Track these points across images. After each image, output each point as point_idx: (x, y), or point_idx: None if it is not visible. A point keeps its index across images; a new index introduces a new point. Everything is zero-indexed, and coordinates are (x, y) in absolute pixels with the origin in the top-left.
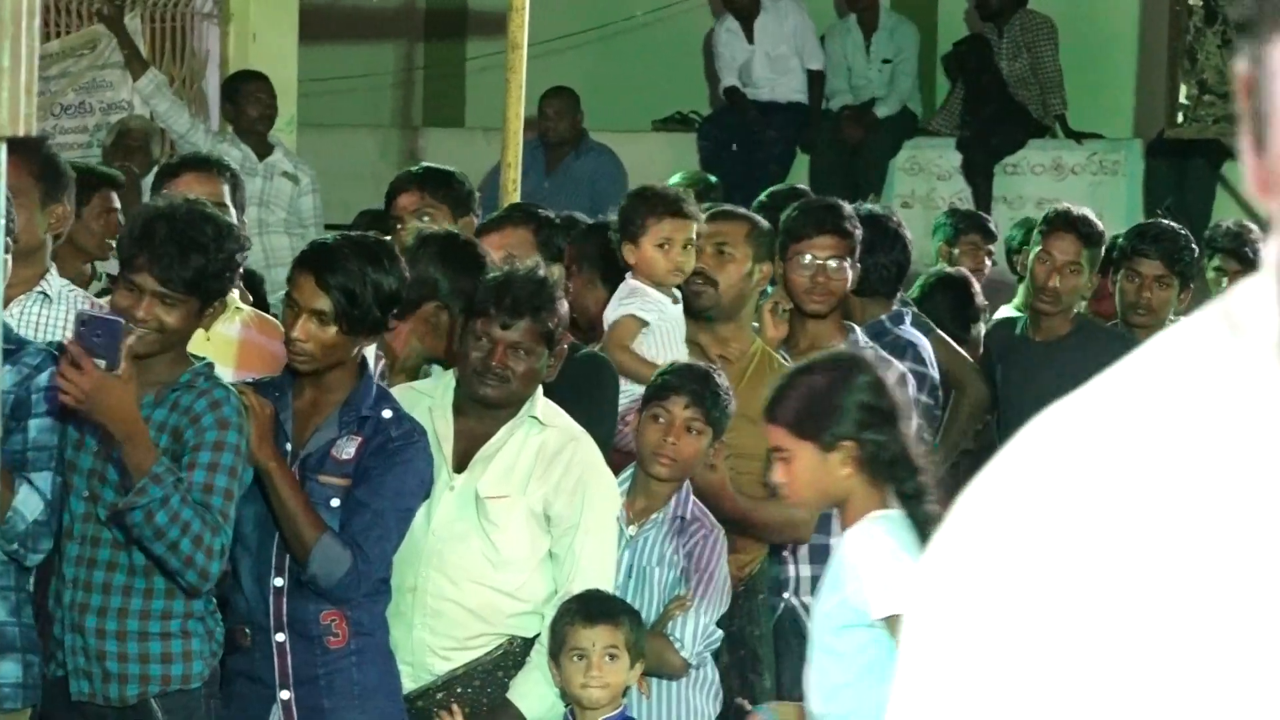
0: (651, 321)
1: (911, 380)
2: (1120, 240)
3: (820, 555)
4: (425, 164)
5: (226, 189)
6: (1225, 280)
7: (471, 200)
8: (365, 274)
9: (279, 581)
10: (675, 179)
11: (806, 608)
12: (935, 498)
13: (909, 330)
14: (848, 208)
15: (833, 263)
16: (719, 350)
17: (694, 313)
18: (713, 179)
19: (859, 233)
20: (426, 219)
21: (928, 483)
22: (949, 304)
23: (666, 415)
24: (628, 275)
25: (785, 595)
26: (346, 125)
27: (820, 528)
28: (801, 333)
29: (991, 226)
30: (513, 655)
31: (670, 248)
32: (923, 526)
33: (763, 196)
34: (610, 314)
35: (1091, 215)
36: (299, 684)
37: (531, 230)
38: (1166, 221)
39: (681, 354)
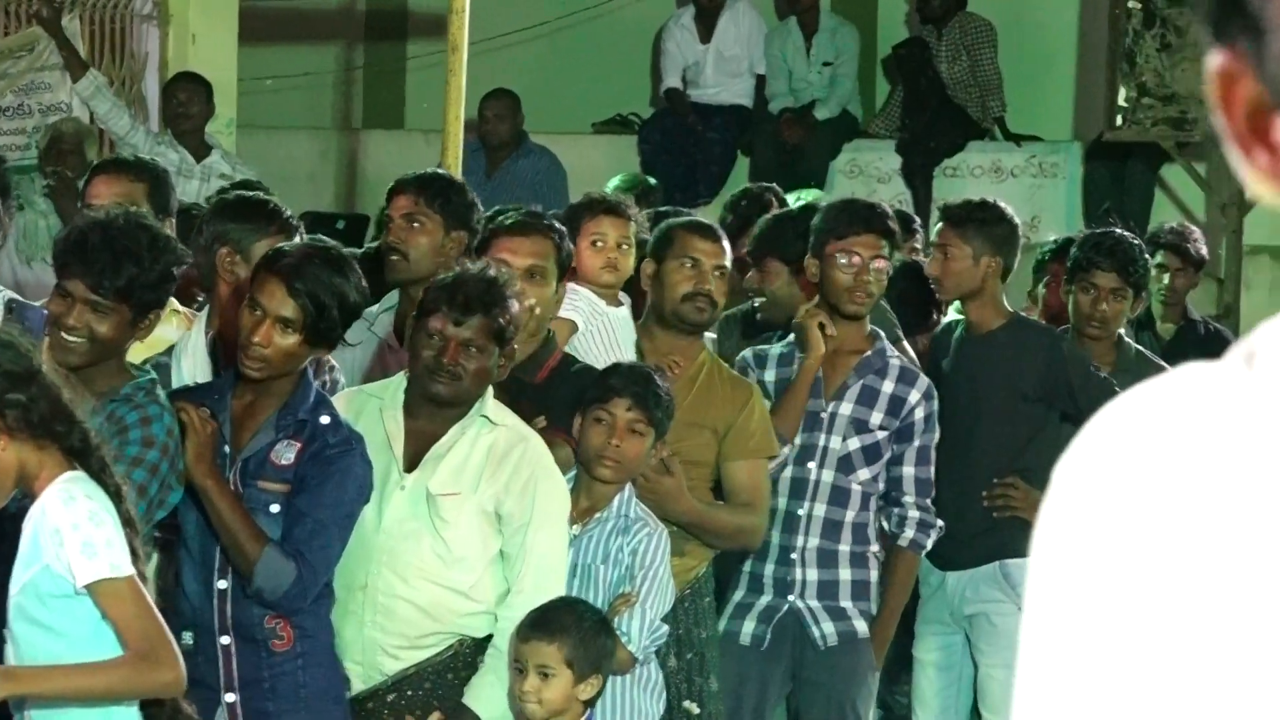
0: (580, 321)
1: (921, 394)
2: (1075, 252)
3: (828, 560)
4: (436, 171)
5: (143, 189)
6: (1167, 277)
7: (470, 216)
8: (333, 285)
9: (223, 585)
10: (614, 182)
11: (812, 611)
12: (102, 447)
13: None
14: (886, 207)
15: (877, 262)
16: (663, 359)
17: (651, 319)
18: (652, 181)
19: (899, 234)
20: (417, 225)
21: (91, 431)
22: (910, 292)
23: (609, 417)
24: (570, 281)
25: (790, 598)
26: (286, 127)
27: (827, 533)
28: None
29: (916, 225)
30: (463, 657)
31: (603, 245)
32: (99, 477)
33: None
34: None
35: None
36: (244, 687)
37: (554, 243)
38: (1119, 232)
39: (629, 356)
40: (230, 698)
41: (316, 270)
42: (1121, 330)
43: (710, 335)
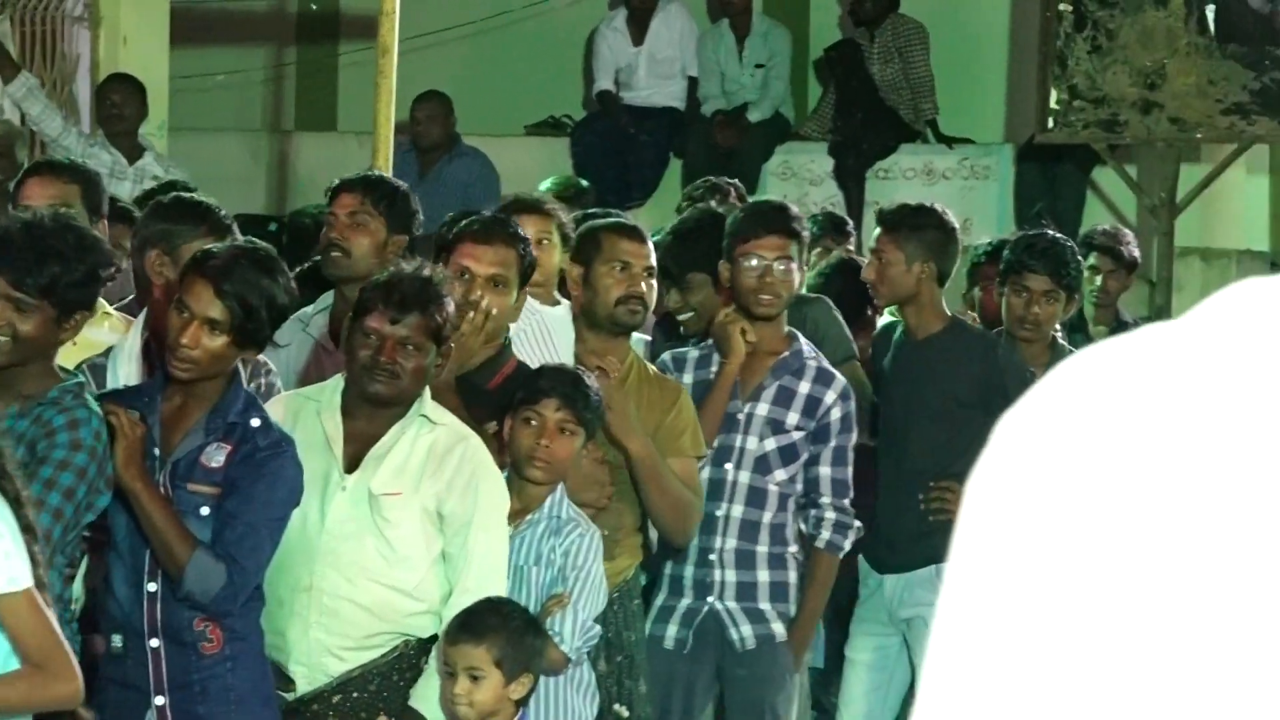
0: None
1: (838, 394)
2: (1007, 254)
3: (746, 561)
4: (381, 174)
5: (77, 191)
6: (1099, 279)
7: (411, 222)
8: (261, 286)
9: (153, 587)
10: (546, 184)
11: (730, 613)
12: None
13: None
14: (794, 209)
15: (780, 264)
16: (597, 361)
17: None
18: (584, 184)
19: (807, 234)
20: (360, 224)
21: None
22: (848, 289)
23: (539, 418)
24: None
25: (710, 599)
26: (217, 129)
27: (745, 534)
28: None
29: (849, 228)
30: (408, 658)
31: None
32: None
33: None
34: None
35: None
36: (173, 690)
37: (517, 252)
38: (1052, 234)
39: (566, 355)
40: (159, 700)
41: (244, 271)
42: (1055, 332)
43: (645, 337)
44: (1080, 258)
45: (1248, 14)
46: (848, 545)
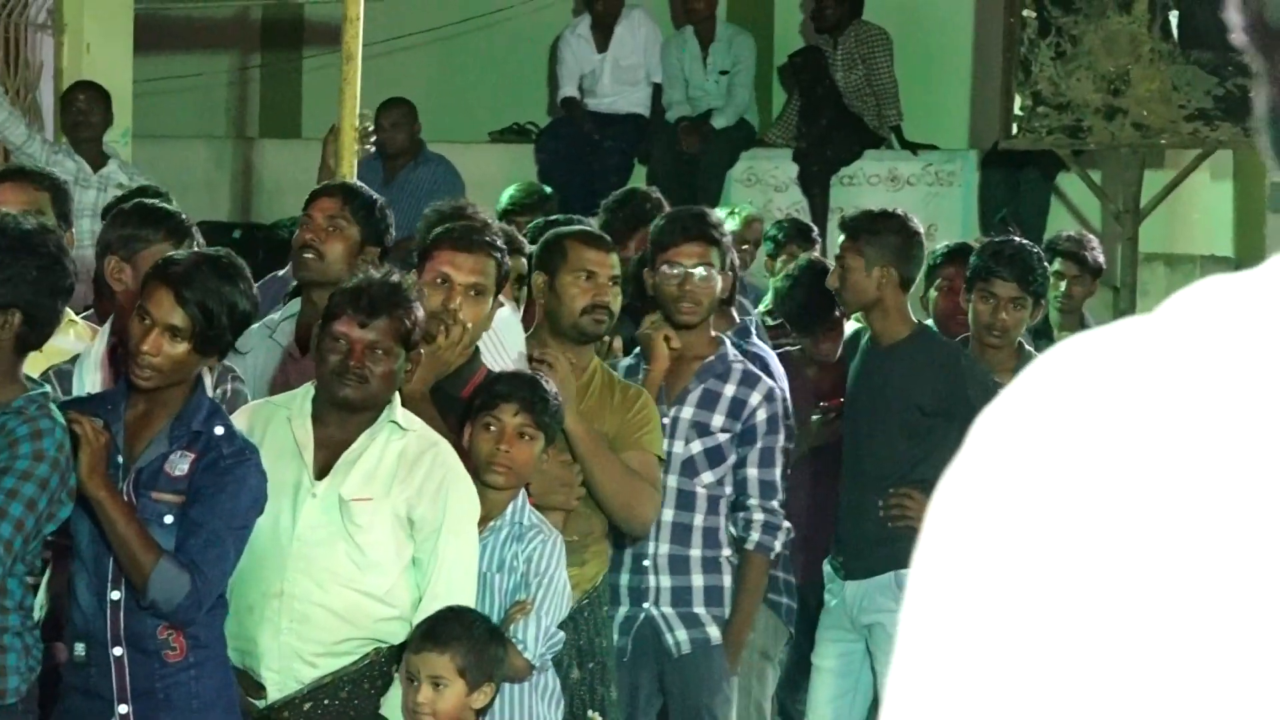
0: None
1: (763, 396)
2: (974, 260)
3: (679, 566)
4: (359, 185)
5: (47, 199)
6: (1064, 284)
7: (384, 236)
8: (222, 293)
9: (116, 595)
10: (510, 191)
11: (666, 618)
12: None
13: (756, 343)
14: (715, 215)
15: (700, 271)
16: (538, 354)
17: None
18: (548, 190)
19: (728, 239)
20: (336, 229)
21: None
22: (815, 291)
23: (498, 424)
24: None
25: (645, 605)
26: (181, 136)
27: (677, 538)
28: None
29: (814, 234)
30: (378, 666)
31: None
32: None
33: (609, 201)
34: None
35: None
36: (136, 698)
37: (495, 261)
38: (1019, 240)
39: (514, 354)
40: (123, 709)
41: (205, 279)
42: (1022, 339)
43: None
44: (1045, 265)
45: (1211, 20)
46: (778, 546)
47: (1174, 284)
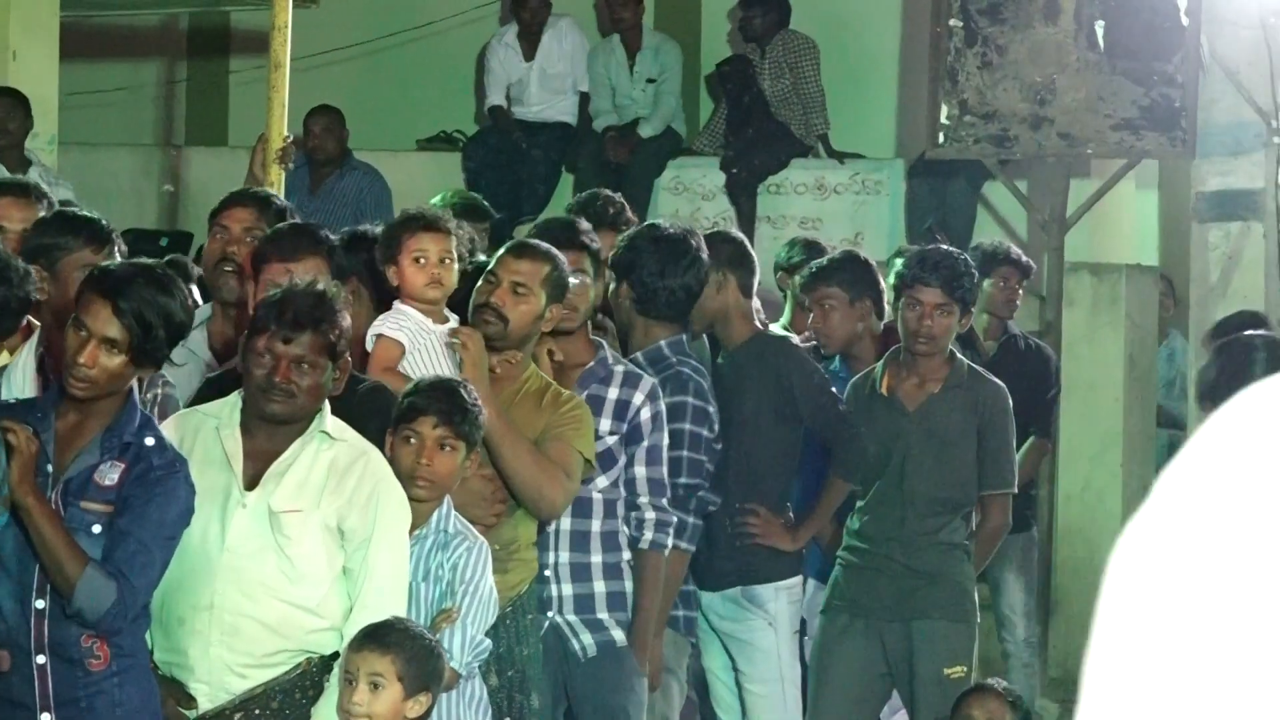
0: (405, 340)
1: (645, 395)
2: (901, 268)
3: (581, 573)
4: (270, 193)
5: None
6: (1005, 291)
7: None
8: (159, 304)
9: (40, 604)
10: (436, 199)
11: (570, 625)
12: None
13: (689, 362)
14: (584, 224)
15: (573, 279)
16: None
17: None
18: (477, 196)
19: (595, 245)
20: (251, 240)
21: None
22: None
23: (418, 437)
24: (395, 301)
25: (550, 614)
26: (108, 144)
27: (576, 545)
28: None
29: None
30: (310, 675)
31: (426, 261)
32: None
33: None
34: (369, 339)
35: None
36: (59, 706)
37: (324, 258)
38: (945, 248)
39: (451, 371)
40: (46, 717)
41: (141, 290)
42: (953, 347)
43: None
44: (974, 272)
45: (1137, 30)
46: (670, 543)
47: (1100, 293)
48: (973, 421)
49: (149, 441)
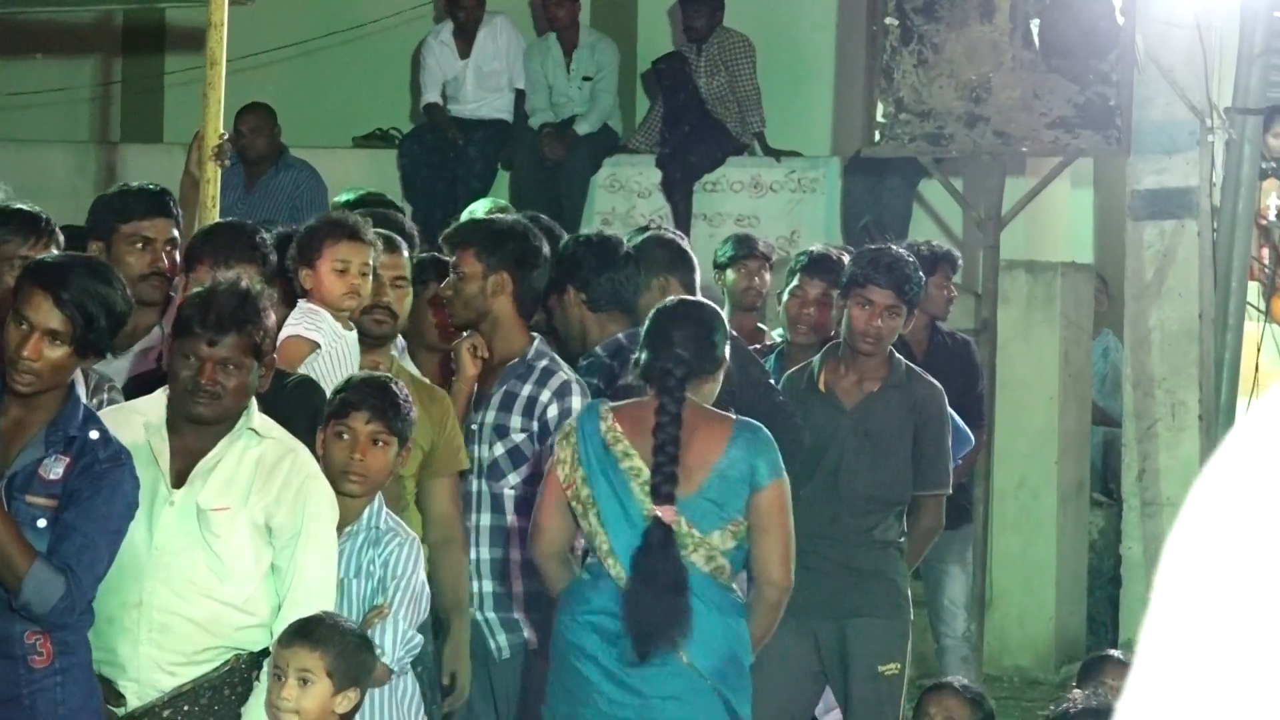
0: (322, 343)
1: (553, 393)
2: (851, 267)
3: (501, 570)
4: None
5: None
6: (945, 292)
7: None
8: (100, 294)
9: None
10: (343, 196)
11: (489, 623)
12: None
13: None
14: (498, 219)
15: (454, 275)
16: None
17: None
18: (392, 212)
19: (511, 245)
20: (169, 247)
21: None
22: None
23: (350, 432)
24: (300, 300)
25: (472, 610)
26: (43, 141)
27: (495, 541)
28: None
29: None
30: (239, 672)
31: (347, 271)
32: None
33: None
34: (281, 336)
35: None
36: (2, 704)
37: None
38: (896, 249)
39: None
40: None
41: (82, 280)
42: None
43: None
44: (921, 274)
45: (1072, 29)
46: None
47: (1035, 291)
48: (910, 421)
49: (93, 435)
